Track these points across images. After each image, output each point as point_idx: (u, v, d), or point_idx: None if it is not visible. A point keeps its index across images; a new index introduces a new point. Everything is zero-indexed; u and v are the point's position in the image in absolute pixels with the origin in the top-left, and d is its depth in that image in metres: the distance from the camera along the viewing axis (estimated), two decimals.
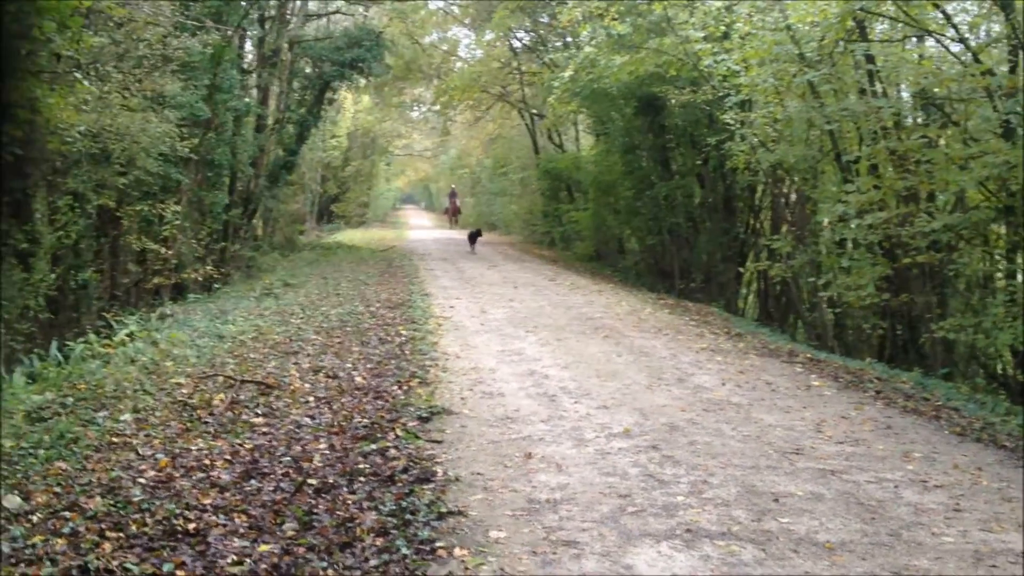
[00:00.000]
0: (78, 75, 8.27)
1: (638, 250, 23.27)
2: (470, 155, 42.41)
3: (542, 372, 8.66)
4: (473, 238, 25.50)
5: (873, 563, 4.21)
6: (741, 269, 17.87)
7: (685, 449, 6.10)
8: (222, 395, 7.78)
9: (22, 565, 4.24)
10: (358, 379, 8.40)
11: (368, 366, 8.96)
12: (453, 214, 41.54)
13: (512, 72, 29.30)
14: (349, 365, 9.02)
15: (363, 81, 23.47)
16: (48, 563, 4.26)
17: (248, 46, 20.23)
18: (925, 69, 11.43)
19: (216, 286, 15.62)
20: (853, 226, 11.36)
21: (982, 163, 9.90)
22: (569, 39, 27.39)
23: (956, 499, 5.16)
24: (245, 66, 17.87)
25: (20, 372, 9.16)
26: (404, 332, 10.74)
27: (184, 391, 7.85)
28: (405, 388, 7.84)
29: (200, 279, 15.04)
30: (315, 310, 12.86)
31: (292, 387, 8.14)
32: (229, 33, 15.44)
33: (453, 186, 45.86)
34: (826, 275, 13.23)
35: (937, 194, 12.07)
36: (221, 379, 8.29)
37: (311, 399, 7.71)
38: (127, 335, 10.81)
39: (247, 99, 17.41)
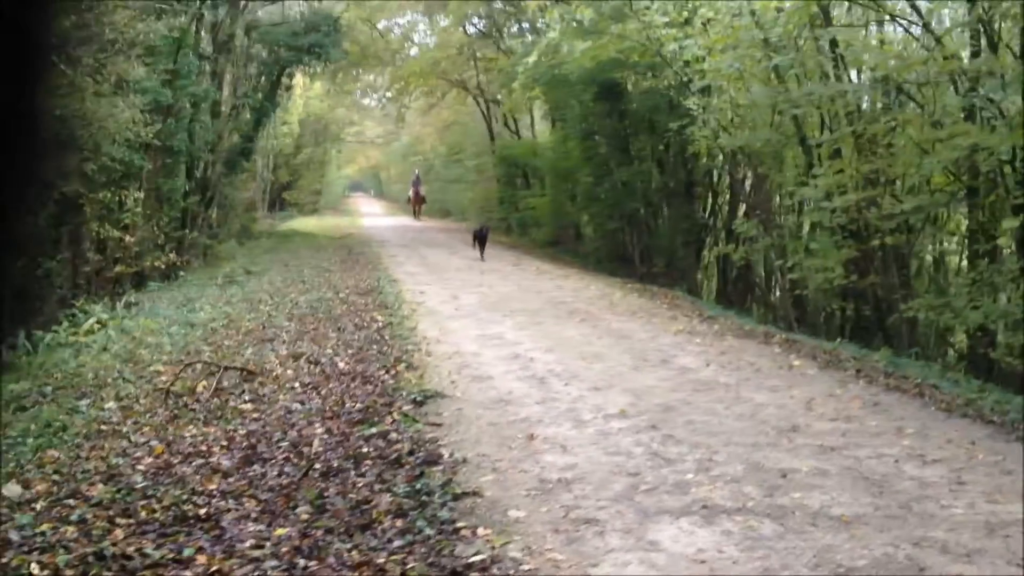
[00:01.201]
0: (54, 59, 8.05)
1: (596, 236, 23.37)
2: (423, 142, 42.10)
3: (526, 355, 8.67)
4: (481, 239, 18.31)
5: (891, 535, 4.28)
6: (707, 253, 18.03)
7: (684, 428, 6.15)
8: (205, 382, 7.68)
9: (35, 553, 4.14)
10: (341, 364, 8.33)
11: (349, 352, 8.89)
12: (417, 203, 37.30)
13: (468, 59, 29.20)
14: (329, 351, 8.94)
15: (321, 67, 23.23)
16: (62, 550, 4.16)
17: (203, 32, 19.85)
18: (891, 54, 11.61)
19: (180, 274, 15.39)
20: (824, 207, 11.50)
21: (951, 146, 10.10)
22: (526, 25, 27.41)
23: (957, 472, 5.26)
24: (201, 52, 17.53)
25: None
26: (380, 318, 10.67)
27: (164, 379, 7.72)
28: (393, 373, 7.79)
29: (162, 267, 14.79)
30: (283, 297, 12.73)
31: (274, 373, 8.05)
32: (187, 17, 15.15)
33: (416, 171, 40.00)
34: (792, 258, 13.42)
35: (899, 178, 12.29)
36: (200, 366, 8.17)
37: (296, 385, 7.64)
38: (95, 324, 10.61)
39: (205, 85, 17.10)
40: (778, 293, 14.62)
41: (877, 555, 4.07)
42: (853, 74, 13.50)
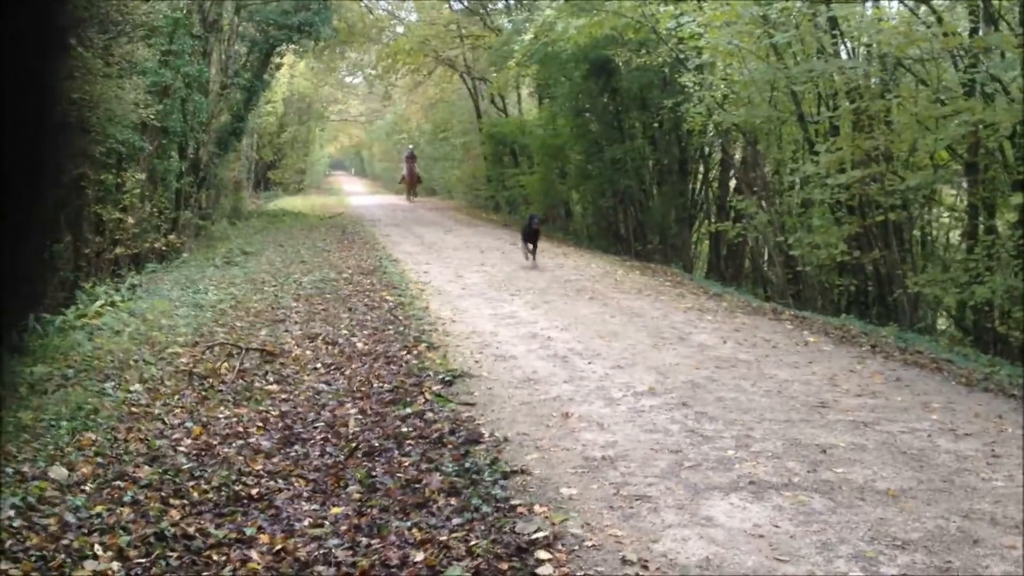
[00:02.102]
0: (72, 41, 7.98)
1: (587, 213, 23.40)
2: (409, 120, 41.86)
3: (543, 335, 8.71)
4: (531, 236, 14.05)
5: (939, 508, 4.37)
6: (705, 230, 18.13)
7: (715, 405, 6.22)
8: (226, 363, 7.69)
9: (96, 535, 4.17)
10: (359, 345, 8.35)
11: (365, 332, 8.91)
12: (412, 183, 33.47)
13: (456, 36, 29.05)
14: (345, 331, 8.95)
15: (312, 44, 23.04)
16: (121, 532, 4.19)
17: (193, 12, 19.66)
18: (892, 31, 11.66)
19: (184, 255, 15.34)
20: (827, 184, 11.58)
21: (955, 122, 10.18)
22: (512, 1, 27.31)
23: (990, 446, 5.36)
24: (194, 31, 17.36)
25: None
26: (389, 298, 10.68)
27: (184, 360, 7.72)
28: (415, 353, 7.81)
29: (161, 248, 14.71)
30: (286, 278, 12.70)
31: (293, 354, 8.07)
32: None
33: (410, 147, 36.35)
34: (791, 234, 13.50)
35: (900, 154, 12.39)
36: (218, 348, 8.17)
37: (319, 366, 7.67)
38: (104, 306, 10.55)
39: (197, 65, 16.94)
40: (778, 269, 14.69)
41: (930, 527, 4.15)
42: (852, 51, 13.59)
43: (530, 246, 14.12)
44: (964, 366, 7.65)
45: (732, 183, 18.23)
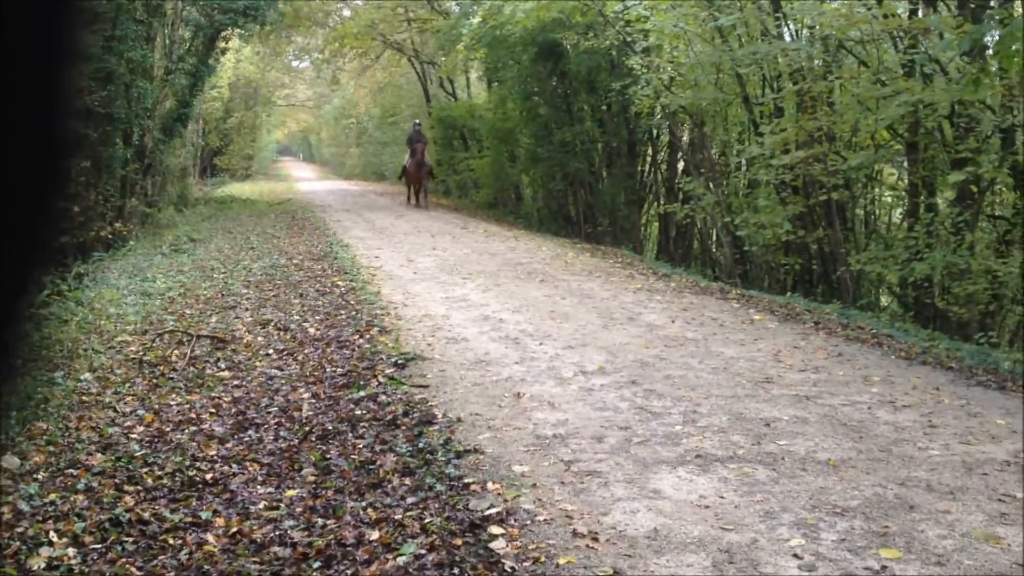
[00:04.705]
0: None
1: (537, 197, 23.48)
2: (357, 105, 41.61)
3: (495, 317, 8.79)
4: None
5: (877, 476, 4.53)
6: (654, 212, 18.30)
7: (663, 383, 6.35)
8: (177, 351, 7.67)
9: (50, 522, 4.18)
10: (311, 330, 8.37)
11: (317, 317, 8.92)
12: (420, 178, 22.74)
13: (403, 20, 28.94)
14: (296, 317, 8.96)
15: (257, 28, 22.80)
16: (76, 518, 4.20)
17: None
18: (837, 12, 11.86)
19: (131, 243, 15.17)
20: (772, 165, 11.78)
21: (895, 102, 10.41)
22: None
23: (927, 416, 5.54)
24: (137, 16, 17.11)
25: None
26: (340, 283, 10.69)
27: (133, 348, 7.70)
28: (367, 337, 7.85)
29: (107, 237, 14.54)
30: (235, 264, 12.64)
31: (245, 340, 8.06)
32: None
33: (417, 121, 24.95)
34: (738, 214, 13.71)
35: (842, 134, 12.63)
36: (168, 335, 8.14)
37: (271, 352, 7.67)
38: (50, 295, 10.43)
39: (142, 50, 16.71)
40: (725, 249, 14.90)
41: (868, 495, 4.31)
42: (795, 33, 13.80)
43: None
44: (904, 341, 7.87)
45: (680, 165, 18.44)
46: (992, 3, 10.77)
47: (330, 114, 48.51)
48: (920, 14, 11.54)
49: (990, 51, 9.96)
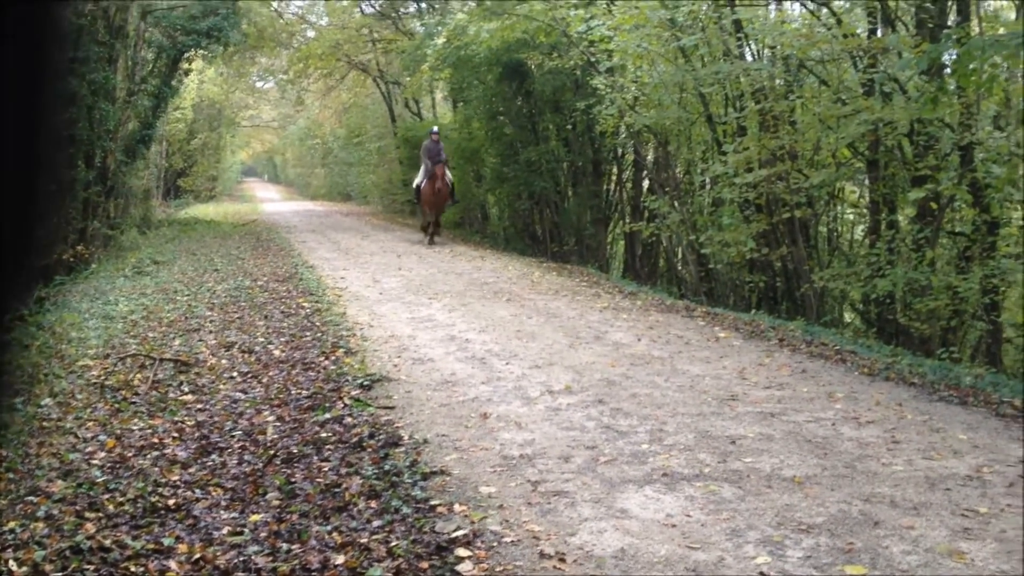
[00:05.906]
0: None
1: (503, 216, 23.52)
2: (321, 125, 41.51)
3: (462, 337, 8.77)
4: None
5: (842, 493, 4.56)
6: (620, 230, 18.38)
7: (629, 401, 6.36)
8: (139, 375, 7.58)
9: (9, 550, 4.10)
10: (276, 352, 8.30)
11: (282, 339, 8.85)
12: (437, 202, 18.54)
13: (368, 40, 28.94)
14: (261, 339, 8.89)
15: (221, 49, 22.70)
16: (36, 546, 4.13)
17: (98, 18, 19.24)
18: (797, 33, 12.01)
19: (93, 266, 15.01)
20: (735, 183, 11.87)
21: (855, 121, 10.55)
22: (424, 4, 27.29)
23: (890, 432, 5.59)
24: (99, 38, 17.01)
25: None
26: (306, 304, 10.63)
27: (94, 373, 7.60)
28: (333, 359, 7.81)
29: (71, 260, 14.39)
30: (199, 286, 12.53)
31: (208, 364, 7.99)
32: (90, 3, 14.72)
33: (434, 129, 19.83)
34: (703, 232, 13.81)
35: (804, 153, 12.77)
36: (131, 359, 8.04)
37: (235, 375, 7.60)
38: (10, 320, 10.29)
39: (105, 72, 16.62)
40: (691, 267, 14.98)
41: (833, 512, 4.33)
42: (757, 53, 13.96)
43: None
44: (867, 356, 7.94)
45: (645, 184, 18.54)
46: (949, 23, 10.96)
47: (295, 135, 48.36)
48: (879, 34, 11.73)
49: (948, 70, 10.12)
